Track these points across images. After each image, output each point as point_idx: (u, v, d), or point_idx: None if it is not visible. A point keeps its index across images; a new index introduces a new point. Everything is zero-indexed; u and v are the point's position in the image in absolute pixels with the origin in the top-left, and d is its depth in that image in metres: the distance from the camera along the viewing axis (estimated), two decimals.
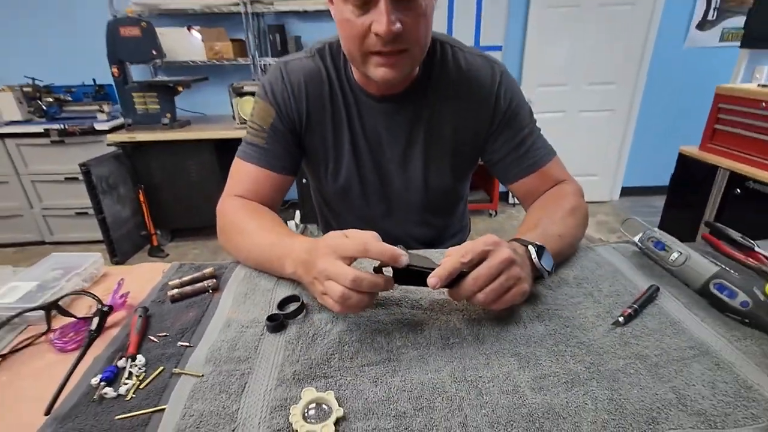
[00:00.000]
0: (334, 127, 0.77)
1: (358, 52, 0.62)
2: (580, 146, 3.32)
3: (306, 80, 0.74)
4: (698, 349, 0.47)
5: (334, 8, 0.62)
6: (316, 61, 0.75)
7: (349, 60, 0.69)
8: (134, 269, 0.69)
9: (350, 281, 0.46)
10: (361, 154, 0.79)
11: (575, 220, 0.70)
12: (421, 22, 0.60)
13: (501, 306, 0.51)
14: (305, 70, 0.74)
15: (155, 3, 2.70)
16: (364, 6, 0.57)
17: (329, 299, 0.49)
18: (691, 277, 0.57)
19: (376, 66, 0.62)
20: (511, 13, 3.01)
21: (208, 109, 3.09)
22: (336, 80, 0.75)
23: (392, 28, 0.56)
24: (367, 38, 0.59)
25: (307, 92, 0.74)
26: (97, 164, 2.36)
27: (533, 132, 0.78)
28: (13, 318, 0.52)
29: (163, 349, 0.49)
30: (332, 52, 0.75)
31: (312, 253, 0.52)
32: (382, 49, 0.59)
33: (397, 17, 0.57)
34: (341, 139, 0.78)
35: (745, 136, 1.75)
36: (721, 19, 3.05)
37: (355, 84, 0.75)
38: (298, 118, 0.76)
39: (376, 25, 0.57)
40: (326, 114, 0.76)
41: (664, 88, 3.21)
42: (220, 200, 0.75)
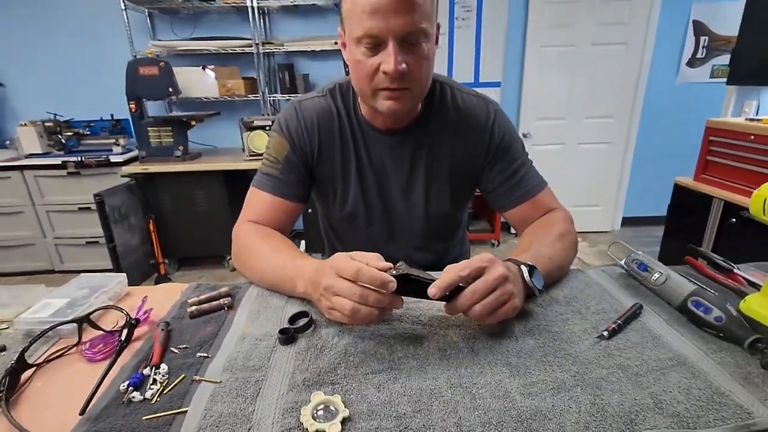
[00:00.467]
0: (342, 158, 0.84)
1: (369, 89, 0.70)
2: (580, 177, 3.40)
3: (318, 117, 0.82)
4: (676, 360, 0.51)
5: (347, 52, 0.72)
6: (327, 99, 0.83)
7: (360, 95, 0.77)
8: (155, 289, 0.74)
9: (358, 296, 0.52)
10: (366, 181, 0.86)
11: (564, 244, 0.75)
12: (423, 65, 0.68)
13: (494, 320, 0.55)
14: (318, 108, 0.83)
15: (173, 45, 2.88)
16: (375, 49, 0.66)
17: (337, 313, 0.55)
18: (671, 296, 0.62)
19: (383, 100, 0.70)
20: (508, 51, 3.16)
21: (219, 143, 3.22)
22: (345, 116, 0.83)
23: (399, 67, 0.65)
24: (377, 76, 0.68)
25: (319, 128, 0.82)
26: (110, 194, 2.45)
27: (525, 164, 0.85)
28: (49, 330, 0.57)
29: (183, 359, 0.54)
30: (342, 91, 0.84)
31: (318, 273, 0.59)
32: (389, 86, 0.68)
33: (403, 59, 0.65)
34: (349, 168, 0.85)
35: (736, 167, 1.82)
36: (710, 57, 3.19)
37: (363, 119, 0.83)
38: (311, 151, 0.83)
39: (385, 65, 0.65)
40: (336, 146, 0.83)
41: (659, 121, 3.32)
42: (236, 225, 0.82)
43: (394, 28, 0.63)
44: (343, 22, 0.71)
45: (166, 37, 3.02)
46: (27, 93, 3.08)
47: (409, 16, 0.63)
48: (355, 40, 0.67)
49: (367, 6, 0.63)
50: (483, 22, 3.07)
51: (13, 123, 2.94)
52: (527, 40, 3.11)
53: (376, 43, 0.65)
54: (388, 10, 0.62)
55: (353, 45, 0.68)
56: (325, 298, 0.56)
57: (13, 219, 2.81)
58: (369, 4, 0.63)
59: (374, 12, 0.63)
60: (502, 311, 0.55)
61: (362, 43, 0.66)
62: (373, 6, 0.62)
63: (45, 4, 2.91)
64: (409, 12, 0.63)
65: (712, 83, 3.22)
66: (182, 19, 3.01)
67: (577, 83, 3.19)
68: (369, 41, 0.65)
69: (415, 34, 0.65)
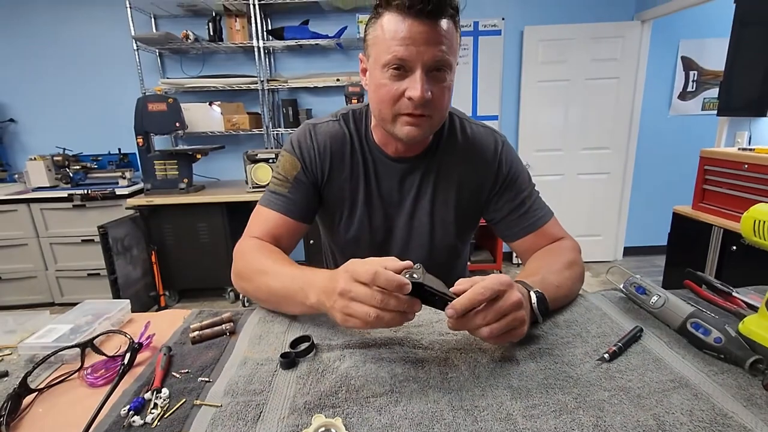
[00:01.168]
0: (351, 182, 0.86)
1: (390, 113, 0.73)
2: (581, 207, 3.43)
3: (331, 141, 0.85)
4: (678, 382, 0.51)
5: (370, 77, 0.75)
6: (341, 124, 0.86)
7: (379, 119, 0.78)
8: (158, 315, 0.75)
9: (378, 301, 0.50)
10: (373, 207, 0.87)
11: (572, 274, 0.75)
12: (445, 94, 0.72)
13: (498, 342, 0.56)
14: (331, 132, 0.85)
15: (182, 82, 2.99)
16: (401, 74, 0.69)
17: (354, 320, 0.52)
18: (670, 318, 0.62)
19: (403, 125, 0.73)
20: (504, 86, 3.27)
21: (223, 175, 3.28)
22: (357, 142, 0.85)
23: (425, 95, 0.68)
24: (400, 101, 0.71)
25: (331, 151, 0.85)
26: (114, 226, 2.48)
27: (532, 195, 0.87)
28: (51, 356, 0.57)
29: (184, 384, 0.54)
30: (355, 117, 0.87)
31: (332, 280, 0.56)
32: (412, 112, 0.71)
33: (429, 87, 0.69)
34: (357, 193, 0.86)
35: (732, 195, 1.84)
36: (700, 90, 3.29)
37: (374, 145, 0.85)
38: (321, 172, 0.85)
39: (412, 91, 0.68)
40: (346, 171, 0.86)
41: (655, 151, 3.39)
42: (239, 242, 0.81)
43: (423, 56, 0.67)
44: (367, 49, 0.75)
45: (176, 75, 3.14)
46: (38, 128, 3.18)
47: (438, 48, 0.67)
48: (381, 65, 0.70)
49: (398, 33, 0.67)
50: (479, 58, 3.20)
51: (23, 157, 3.02)
52: (522, 76, 3.22)
53: (404, 68, 0.68)
54: (419, 39, 0.66)
55: (378, 70, 0.71)
56: (341, 303, 0.53)
57: (17, 251, 2.83)
58: (401, 31, 0.66)
59: (405, 39, 0.66)
60: (507, 336, 0.55)
61: (389, 67, 0.69)
62: (405, 34, 0.66)
63: (59, 44, 3.06)
64: (439, 44, 0.67)
65: (704, 115, 3.31)
66: (191, 59, 3.15)
67: (573, 116, 3.28)
68: (396, 67, 0.68)
69: (441, 65, 0.68)
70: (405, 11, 0.66)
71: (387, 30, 0.68)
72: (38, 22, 3.02)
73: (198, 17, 3.02)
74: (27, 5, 2.99)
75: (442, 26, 0.67)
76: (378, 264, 0.52)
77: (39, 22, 3.02)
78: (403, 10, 0.66)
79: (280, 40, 2.93)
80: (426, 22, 0.66)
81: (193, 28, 2.89)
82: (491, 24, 3.13)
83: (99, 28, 3.04)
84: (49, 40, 3.05)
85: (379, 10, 0.70)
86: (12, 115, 3.15)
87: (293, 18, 3.06)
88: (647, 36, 3.13)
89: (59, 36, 3.05)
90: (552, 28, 3.11)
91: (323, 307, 0.59)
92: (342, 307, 0.53)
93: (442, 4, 0.66)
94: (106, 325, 0.67)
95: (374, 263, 0.52)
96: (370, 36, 0.72)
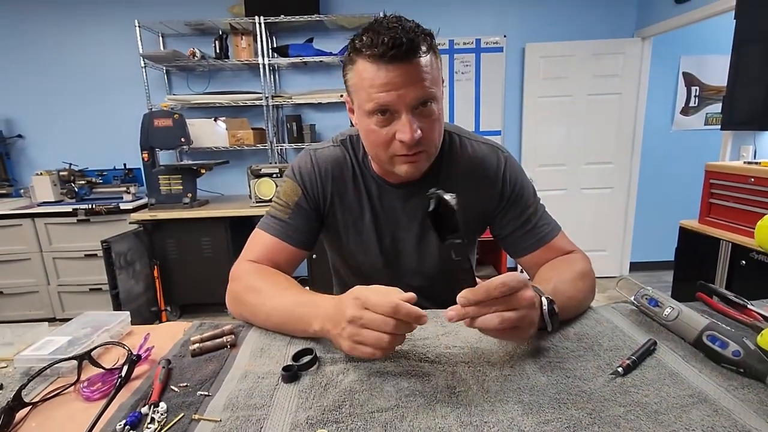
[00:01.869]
0: (356, 206, 0.85)
1: (386, 156, 0.72)
2: (585, 222, 3.41)
3: (332, 166, 0.83)
4: (697, 397, 0.49)
5: (357, 119, 0.73)
6: (341, 150, 0.85)
7: (377, 161, 0.78)
8: (158, 327, 0.73)
9: (392, 328, 0.51)
10: (381, 230, 0.86)
11: (584, 286, 0.73)
12: (435, 127, 0.71)
13: (504, 337, 0.56)
14: (332, 157, 0.84)
15: (188, 99, 3.03)
16: (387, 118, 0.68)
17: (365, 348, 0.53)
18: (685, 331, 0.60)
19: (400, 164, 0.72)
20: (506, 102, 3.30)
21: (227, 190, 3.29)
22: (357, 167, 0.84)
23: (415, 135, 0.67)
24: (392, 144, 0.70)
25: (333, 176, 0.83)
26: (117, 241, 2.48)
27: (538, 210, 0.85)
28: (47, 368, 0.56)
29: (183, 398, 0.52)
30: (353, 143, 0.85)
31: (339, 307, 0.56)
32: (406, 153, 0.70)
33: (417, 125, 0.67)
34: (362, 217, 0.85)
35: (739, 209, 1.82)
36: (702, 105, 3.30)
37: (374, 173, 0.84)
38: (323, 198, 0.84)
39: (401, 135, 0.67)
40: (349, 195, 0.84)
41: (658, 166, 3.38)
42: (235, 265, 0.79)
43: (406, 98, 0.65)
44: (349, 92, 0.73)
45: (182, 91, 3.19)
46: (45, 144, 3.21)
47: (419, 85, 0.65)
48: (366, 112, 0.68)
49: (376, 80, 0.65)
50: (481, 75, 3.23)
51: (30, 172, 3.04)
52: (524, 92, 3.25)
53: (389, 112, 0.67)
54: (399, 83, 0.64)
55: (364, 116, 0.70)
56: (351, 330, 0.53)
57: (20, 266, 2.82)
58: (378, 78, 0.65)
59: (384, 86, 0.65)
60: (515, 333, 0.54)
61: (374, 114, 0.68)
62: (383, 81, 0.64)
63: (68, 62, 3.12)
64: (420, 81, 0.65)
65: (707, 130, 3.31)
66: (197, 76, 3.20)
67: (575, 131, 3.29)
68: (381, 113, 0.67)
69: (425, 100, 0.67)
70: (378, 59, 0.64)
71: (365, 78, 0.66)
72: (48, 42, 3.08)
73: (205, 35, 3.08)
74: (37, 25, 3.06)
75: (419, 63, 0.65)
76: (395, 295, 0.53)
77: (49, 41, 3.08)
78: (376, 58, 0.64)
79: (285, 58, 2.97)
80: (401, 65, 0.64)
81: (199, 46, 2.95)
82: (493, 41, 3.17)
83: (108, 47, 3.10)
84: (58, 58, 3.11)
85: (351, 56, 0.69)
86: (20, 131, 3.19)
87: (298, 36, 3.11)
88: (648, 52, 3.16)
89: (69, 54, 3.11)
90: (553, 45, 3.14)
91: (327, 335, 0.59)
92: (351, 334, 0.53)
93: (413, 44, 0.64)
94: (105, 337, 0.66)
95: (392, 299, 0.52)
96: (350, 82, 0.71)
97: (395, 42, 0.62)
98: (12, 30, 3.06)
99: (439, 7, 3.15)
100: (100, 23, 3.07)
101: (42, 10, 3.04)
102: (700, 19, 2.62)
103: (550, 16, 3.18)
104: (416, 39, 0.64)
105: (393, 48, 0.62)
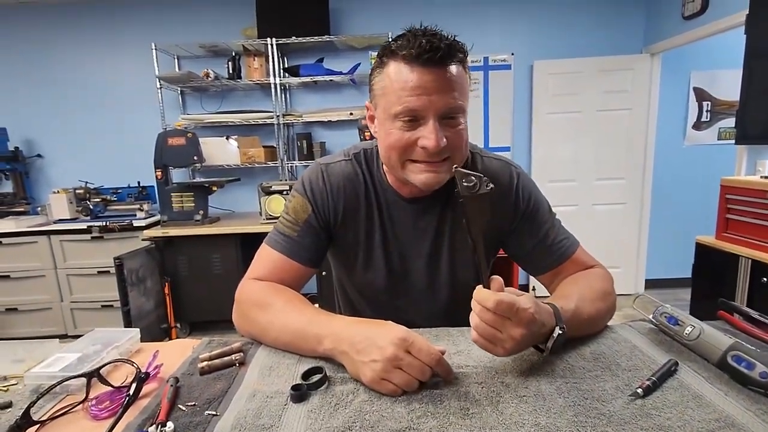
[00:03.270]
0: (367, 223, 0.83)
1: (398, 160, 0.71)
2: (598, 238, 3.34)
3: (344, 182, 0.82)
4: (723, 422, 0.47)
5: (379, 125, 0.73)
6: (353, 164, 0.83)
7: (387, 165, 0.77)
8: (167, 345, 0.73)
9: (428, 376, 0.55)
10: (391, 248, 0.84)
11: (605, 305, 0.72)
12: (461, 136, 0.70)
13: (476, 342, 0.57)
14: (344, 172, 0.83)
15: (201, 118, 3.10)
16: (413, 123, 0.68)
17: (391, 386, 0.53)
18: (707, 351, 0.58)
19: (418, 172, 0.71)
20: (515, 118, 3.31)
21: (237, 207, 3.32)
22: (370, 182, 0.83)
23: (440, 144, 0.66)
24: (412, 150, 0.69)
25: (345, 192, 0.82)
26: (130, 258, 2.50)
27: (555, 225, 0.83)
28: (56, 386, 0.55)
29: (191, 418, 0.51)
30: (366, 157, 0.84)
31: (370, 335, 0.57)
32: (428, 160, 0.69)
33: (443, 134, 0.67)
34: (373, 234, 0.83)
35: (758, 224, 1.78)
36: (715, 120, 3.27)
37: (388, 186, 0.82)
38: (334, 215, 0.82)
39: (425, 141, 0.67)
40: (360, 212, 0.83)
41: (672, 181, 3.34)
42: (241, 283, 0.78)
43: (436, 104, 0.65)
44: (374, 98, 0.73)
45: (195, 110, 3.26)
46: (63, 163, 3.30)
47: (450, 94, 0.66)
48: (392, 115, 0.68)
49: (408, 83, 0.65)
50: (490, 92, 3.25)
51: (48, 191, 3.11)
52: (533, 108, 3.26)
53: (416, 118, 0.67)
54: (431, 88, 0.65)
55: (388, 120, 0.69)
56: (384, 367, 0.53)
57: (35, 282, 2.86)
58: (410, 81, 0.65)
59: (415, 89, 0.65)
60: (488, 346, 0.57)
61: (400, 118, 0.67)
62: (415, 84, 0.65)
63: (87, 84, 3.22)
64: (451, 90, 0.66)
65: (721, 145, 3.27)
66: (211, 96, 3.28)
67: (586, 146, 3.27)
68: (408, 117, 0.67)
69: (454, 111, 0.67)
70: (413, 60, 0.65)
71: (395, 80, 0.66)
72: (68, 65, 3.20)
73: (218, 57, 3.16)
74: (57, 48, 3.18)
75: (452, 72, 0.66)
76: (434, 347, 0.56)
77: (68, 64, 3.20)
78: (410, 60, 0.65)
79: (296, 77, 3.03)
80: (435, 70, 0.65)
81: (213, 67, 3.02)
82: (501, 59, 3.20)
83: (125, 69, 3.21)
84: (78, 81, 3.21)
85: (384, 60, 0.69)
86: (39, 151, 3.28)
87: (309, 56, 3.18)
88: (657, 68, 3.15)
89: (87, 76, 3.21)
90: (561, 63, 3.16)
91: (339, 357, 0.59)
92: (384, 369, 0.54)
93: (451, 51, 0.65)
94: (114, 354, 0.66)
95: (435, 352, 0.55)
96: (377, 86, 0.71)
97: (432, 45, 0.63)
98: (33, 53, 3.18)
99: (447, 26, 3.18)
100: (118, 46, 3.19)
101: (62, 35, 3.17)
102: (709, 34, 2.62)
103: (557, 34, 3.21)
104: (453, 47, 0.66)
105: (430, 51, 0.63)
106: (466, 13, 3.20)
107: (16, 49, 3.17)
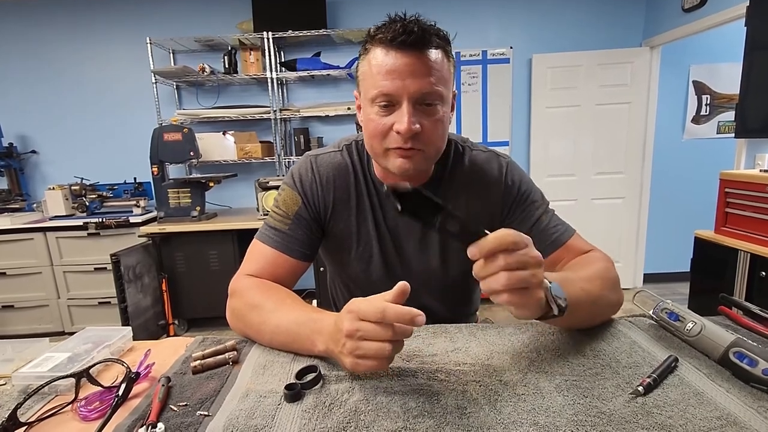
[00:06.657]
0: (358, 215, 0.83)
1: (380, 148, 0.71)
2: (597, 232, 3.33)
3: (334, 173, 0.81)
4: (725, 420, 0.46)
5: (362, 113, 0.74)
6: (343, 155, 0.83)
7: (371, 154, 0.76)
8: (160, 343, 0.72)
9: (391, 335, 0.49)
10: (384, 239, 0.84)
11: (604, 284, 0.67)
12: (437, 127, 0.69)
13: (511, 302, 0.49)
14: (334, 163, 0.82)
15: (197, 113, 3.07)
16: (389, 108, 0.68)
17: (368, 361, 0.50)
18: (709, 347, 0.57)
19: (394, 158, 0.70)
20: (514, 112, 3.28)
21: (234, 203, 3.30)
22: (360, 173, 0.82)
23: (412, 127, 0.65)
24: (389, 135, 0.69)
25: (335, 184, 0.81)
26: (126, 254, 2.49)
27: (548, 211, 0.83)
28: (44, 386, 0.54)
29: (182, 418, 0.50)
30: (358, 148, 0.84)
31: (337, 323, 0.54)
32: (402, 146, 0.68)
33: (417, 120, 0.66)
34: (366, 225, 0.83)
35: (757, 218, 1.77)
36: (714, 114, 3.26)
37: (376, 177, 0.82)
38: (324, 207, 0.82)
39: (398, 125, 0.66)
40: (351, 203, 0.82)
41: (670, 175, 3.33)
42: (234, 279, 0.77)
43: (409, 88, 0.65)
44: (359, 85, 0.74)
45: (191, 106, 3.23)
46: (58, 159, 3.27)
47: (425, 79, 0.65)
48: (369, 99, 0.69)
49: (383, 67, 0.66)
50: (488, 86, 3.22)
51: (43, 187, 3.09)
52: (532, 102, 3.23)
53: (391, 103, 0.67)
54: (404, 71, 0.65)
55: (368, 105, 0.70)
56: (351, 345, 0.51)
57: (31, 279, 2.84)
58: (385, 65, 0.65)
59: (390, 73, 0.65)
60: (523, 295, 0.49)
61: (376, 102, 0.68)
62: (390, 67, 0.65)
63: (81, 79, 3.18)
64: (426, 75, 0.65)
65: (720, 139, 3.26)
66: (207, 90, 3.24)
67: (584, 140, 3.25)
68: (383, 101, 0.67)
69: (430, 97, 0.66)
70: (389, 44, 0.65)
71: (374, 65, 0.67)
72: (62, 60, 3.16)
73: (214, 51, 3.13)
74: (52, 44, 3.14)
75: (429, 57, 0.66)
76: (381, 300, 0.51)
77: (63, 60, 3.16)
78: (387, 44, 0.66)
79: (293, 72, 3.00)
80: (410, 54, 0.65)
81: (209, 62, 2.99)
82: (499, 53, 3.17)
83: (120, 64, 3.17)
84: (72, 76, 3.18)
85: (366, 47, 0.70)
86: (34, 147, 3.25)
87: (306, 50, 3.15)
88: (656, 61, 3.13)
89: (82, 72, 3.18)
90: (560, 56, 3.14)
91: (332, 355, 0.57)
92: (352, 348, 0.51)
93: (426, 35, 0.65)
94: (106, 354, 0.64)
95: (378, 304, 0.50)
96: (360, 71, 0.72)
97: (406, 29, 0.64)
98: (27, 49, 3.14)
99: (445, 20, 3.17)
100: (113, 41, 3.15)
101: (56, 30, 3.12)
102: (709, 27, 2.60)
103: (556, 27, 3.18)
104: (428, 31, 0.65)
105: (403, 34, 0.64)
106: (464, 5, 3.17)
107: (8, 44, 3.13)
